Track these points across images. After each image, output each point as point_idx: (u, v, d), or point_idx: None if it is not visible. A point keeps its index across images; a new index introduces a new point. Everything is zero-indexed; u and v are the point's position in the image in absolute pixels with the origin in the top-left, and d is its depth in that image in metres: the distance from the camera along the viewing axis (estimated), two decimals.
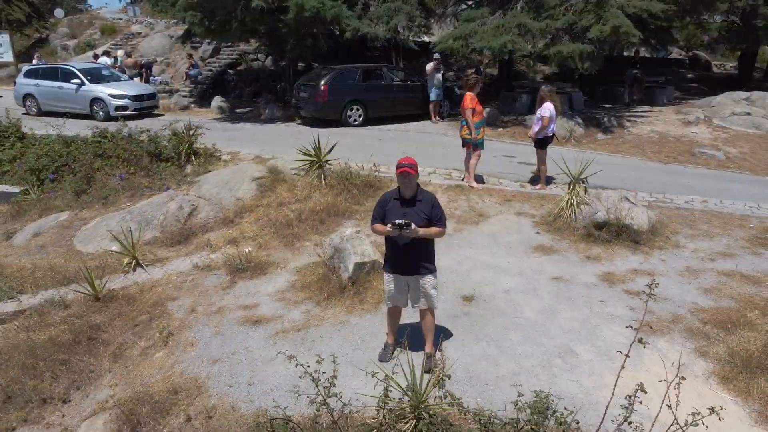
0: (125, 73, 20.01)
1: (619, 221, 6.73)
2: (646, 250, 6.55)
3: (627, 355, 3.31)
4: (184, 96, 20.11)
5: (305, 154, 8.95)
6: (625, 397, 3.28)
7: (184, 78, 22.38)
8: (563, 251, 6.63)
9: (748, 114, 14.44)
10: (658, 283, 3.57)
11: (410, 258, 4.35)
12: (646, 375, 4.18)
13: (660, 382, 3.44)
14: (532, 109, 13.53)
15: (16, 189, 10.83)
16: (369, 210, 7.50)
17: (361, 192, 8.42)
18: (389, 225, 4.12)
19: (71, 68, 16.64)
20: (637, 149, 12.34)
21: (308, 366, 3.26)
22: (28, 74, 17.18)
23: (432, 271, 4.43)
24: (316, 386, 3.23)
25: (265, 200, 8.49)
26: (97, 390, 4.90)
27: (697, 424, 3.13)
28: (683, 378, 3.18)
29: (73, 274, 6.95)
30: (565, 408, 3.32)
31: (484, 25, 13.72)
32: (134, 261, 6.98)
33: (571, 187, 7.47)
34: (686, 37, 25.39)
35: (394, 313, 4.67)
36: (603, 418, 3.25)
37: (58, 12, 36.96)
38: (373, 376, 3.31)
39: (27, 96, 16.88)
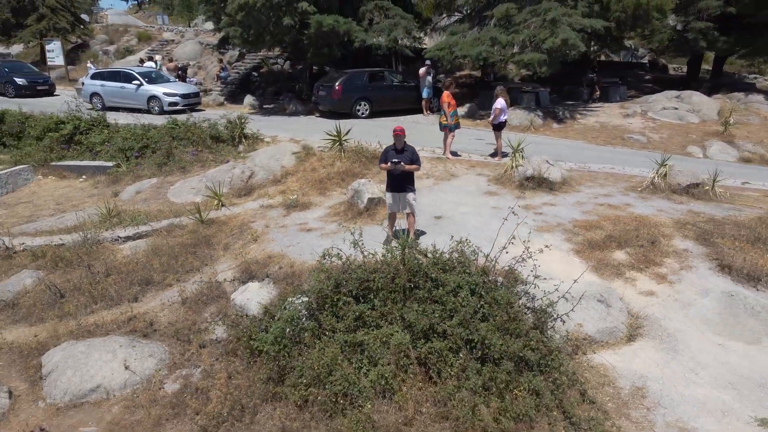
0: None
1: (540, 175, 9.92)
2: (556, 193, 9.75)
3: (505, 219, 6.54)
4: (218, 94, 23.30)
5: (329, 135, 12.16)
6: (506, 242, 6.50)
7: (216, 79, 25.58)
8: (503, 194, 9.83)
9: (676, 108, 17.61)
10: (522, 196, 6.77)
11: (400, 183, 7.55)
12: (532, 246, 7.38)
13: (535, 247, 6.67)
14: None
15: (110, 164, 14.04)
16: (376, 172, 10.77)
17: (369, 161, 11.60)
18: (389, 163, 7.33)
19: (131, 71, 19.85)
20: (581, 135, 15.53)
21: (350, 227, 6.45)
22: (94, 77, 20.39)
23: (412, 190, 7.63)
24: (353, 234, 6.41)
25: (302, 167, 11.71)
26: (219, 264, 8.12)
27: (538, 253, 6.32)
28: (534, 234, 6.38)
29: (178, 212, 10.17)
30: (477, 247, 6.52)
31: (465, 37, 16.92)
32: (219, 202, 10.19)
33: (513, 155, 10.67)
34: (658, 43, 28.43)
35: (392, 216, 7.89)
36: (492, 247, 6.45)
37: (84, 17, 40.12)
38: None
39: (93, 94, 20.07)
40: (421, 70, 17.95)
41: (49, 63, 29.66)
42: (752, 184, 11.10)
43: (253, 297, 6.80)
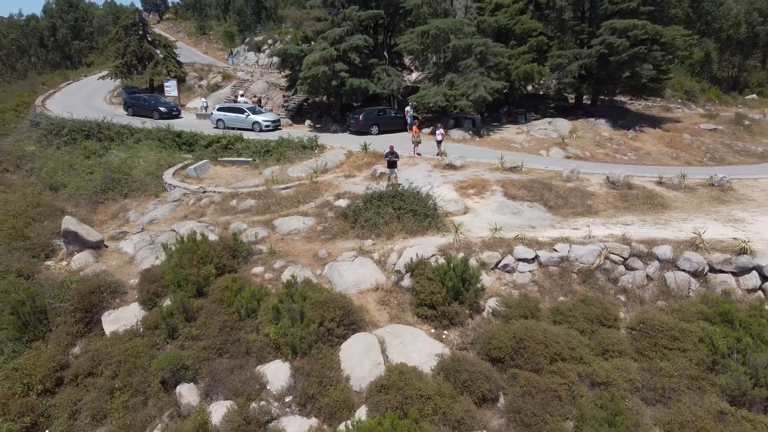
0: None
1: (452, 164, 21.19)
2: (456, 171, 20.97)
3: (428, 176, 17.91)
4: (286, 118, 34.45)
5: (360, 145, 23.46)
6: (427, 185, 17.93)
7: (281, 107, 36.72)
8: (435, 172, 21.07)
9: (545, 129, 28.79)
10: (443, 172, 18.18)
11: (392, 164, 18.94)
12: (440, 190, 18.73)
13: (437, 185, 18.04)
14: (455, 127, 28.25)
15: (250, 159, 25.32)
16: (382, 162, 22.06)
17: (379, 158, 22.81)
18: (387, 157, 18.72)
19: (242, 107, 31.09)
20: (488, 144, 26.74)
21: (374, 182, 17.79)
22: (219, 109, 31.61)
23: (396, 167, 19.03)
24: (376, 183, 17.73)
25: (349, 160, 23.02)
26: (324, 196, 19.44)
27: (438, 191, 17.76)
28: (440, 184, 17.81)
29: (299, 179, 21.47)
30: (417, 186, 17.86)
31: (429, 91, 28.14)
32: (316, 174, 21.50)
33: (442, 154, 22.00)
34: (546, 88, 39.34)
35: (388, 178, 19.24)
36: (422, 187, 17.77)
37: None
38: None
39: (218, 120, 31.28)
40: (407, 108, 29.19)
41: (166, 95, 40.77)
42: (549, 168, 22.35)
43: (342, 203, 18.17)
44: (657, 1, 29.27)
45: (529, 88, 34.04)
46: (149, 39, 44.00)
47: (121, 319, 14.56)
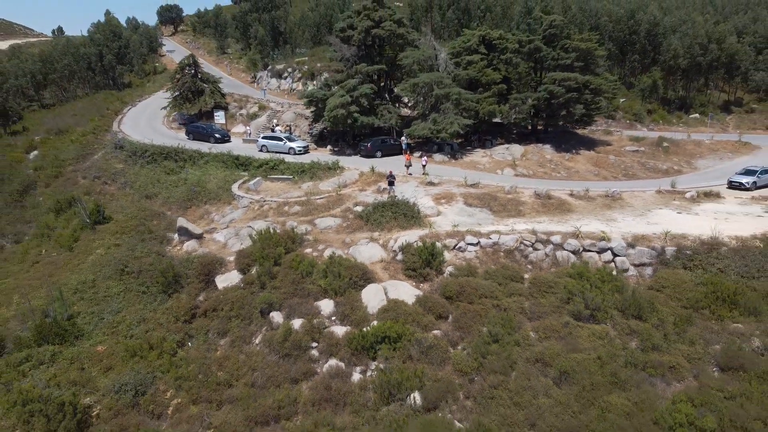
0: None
1: (432, 181, 29.10)
2: (435, 186, 28.87)
3: (415, 189, 25.92)
4: (310, 142, 42.34)
5: (369, 167, 31.44)
6: (414, 196, 26.00)
7: (306, 133, 44.61)
8: (420, 188, 28.98)
9: (504, 153, 36.68)
10: (426, 187, 26.25)
11: (391, 183, 26.88)
12: (422, 200, 26.71)
13: (421, 197, 26.03)
14: (437, 151, 36.23)
15: (290, 176, 33.29)
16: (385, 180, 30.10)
17: (382, 177, 30.75)
18: (388, 179, 26.71)
19: (281, 135, 39.05)
20: (460, 165, 34.63)
21: (379, 195, 25.76)
22: (263, 138, 39.56)
23: (394, 185, 26.95)
24: (380, 195, 25.70)
25: (361, 178, 30.96)
26: (346, 203, 27.42)
27: (421, 201, 25.81)
28: (422, 196, 25.84)
29: (329, 191, 29.45)
30: (407, 197, 25.83)
31: (419, 125, 36.10)
32: (340, 189, 29.45)
33: (425, 174, 29.98)
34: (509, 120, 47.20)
35: (390, 193, 27.18)
36: (410, 199, 25.76)
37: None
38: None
39: (263, 146, 39.20)
40: (402, 138, 37.12)
41: (215, 122, 48.58)
42: (499, 184, 30.20)
43: (358, 208, 26.09)
44: (587, 58, 37.16)
45: (497, 119, 41.92)
46: (200, 77, 52.03)
47: (227, 279, 22.54)
